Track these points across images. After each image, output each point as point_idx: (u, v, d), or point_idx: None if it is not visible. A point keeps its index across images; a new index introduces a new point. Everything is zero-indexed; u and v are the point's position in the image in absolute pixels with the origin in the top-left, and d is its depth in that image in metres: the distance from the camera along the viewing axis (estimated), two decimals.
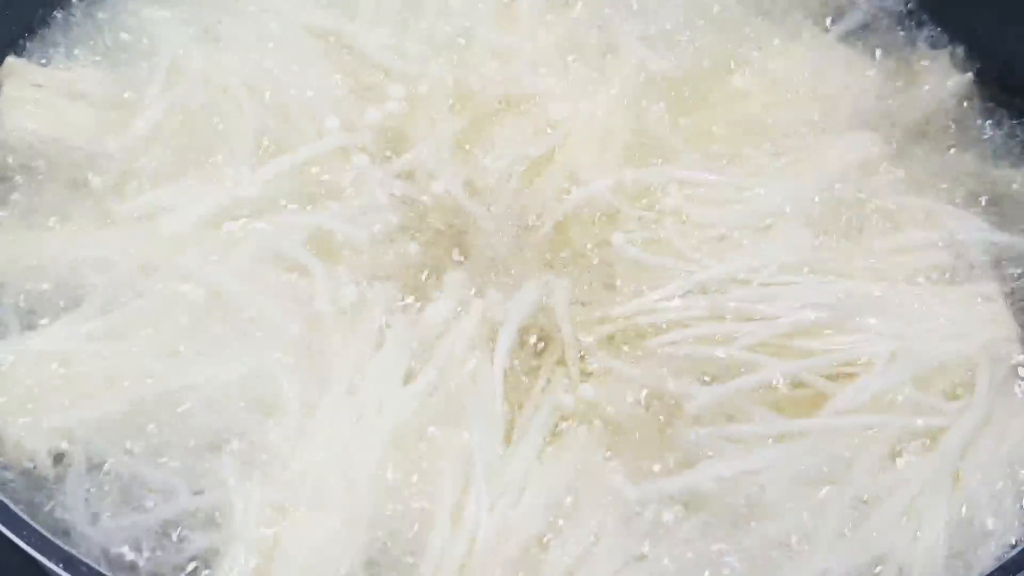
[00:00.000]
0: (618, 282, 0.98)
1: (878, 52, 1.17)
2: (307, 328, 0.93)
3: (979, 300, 0.97)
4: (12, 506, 0.81)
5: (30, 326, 0.93)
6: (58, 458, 0.87)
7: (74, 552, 0.80)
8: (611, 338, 0.95)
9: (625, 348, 0.95)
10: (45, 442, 0.87)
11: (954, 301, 0.97)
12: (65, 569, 0.78)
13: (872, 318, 0.94)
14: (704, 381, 0.92)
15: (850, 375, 0.92)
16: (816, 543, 0.85)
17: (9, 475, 0.86)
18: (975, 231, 1.02)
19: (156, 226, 0.98)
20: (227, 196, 0.99)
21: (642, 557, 0.85)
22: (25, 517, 0.81)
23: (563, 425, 0.91)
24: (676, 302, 0.96)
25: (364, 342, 0.93)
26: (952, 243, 1.00)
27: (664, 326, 0.95)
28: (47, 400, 0.88)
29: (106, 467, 0.87)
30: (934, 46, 1.17)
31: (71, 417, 0.87)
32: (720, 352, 0.93)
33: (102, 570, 0.79)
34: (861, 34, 1.18)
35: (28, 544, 0.79)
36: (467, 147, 1.06)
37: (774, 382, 0.92)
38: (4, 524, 0.79)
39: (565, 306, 0.96)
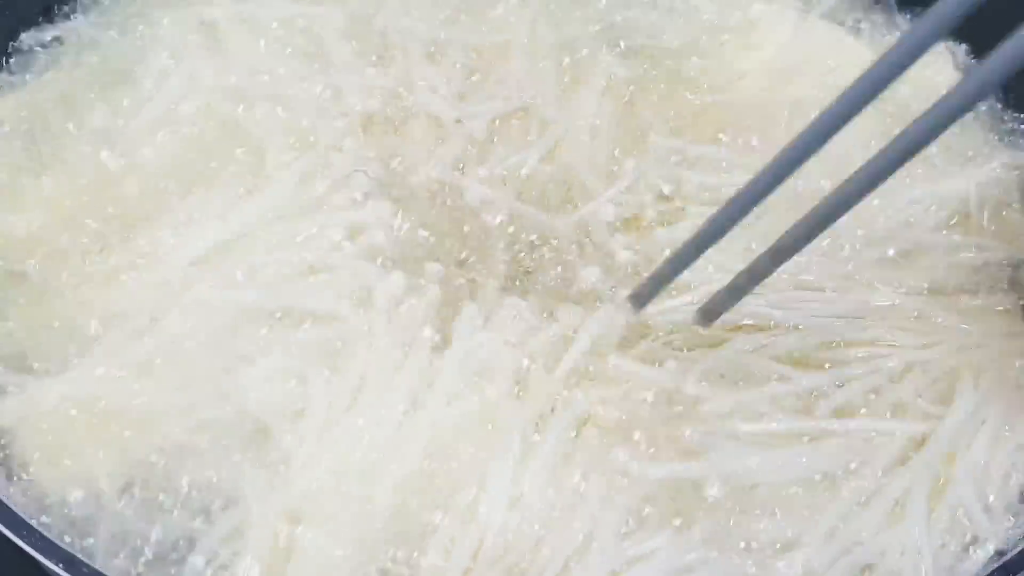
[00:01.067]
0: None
1: (869, 33, 1.16)
2: (336, 337, 0.93)
3: (997, 312, 0.98)
4: (12, 506, 0.81)
5: (51, 373, 0.92)
6: (91, 494, 0.87)
7: (75, 553, 0.80)
8: (629, 340, 0.95)
9: (644, 351, 0.94)
10: (77, 480, 0.86)
11: (972, 313, 0.97)
12: (65, 569, 0.78)
13: (888, 329, 0.95)
14: (722, 386, 0.92)
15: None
16: (802, 545, 0.85)
17: (45, 518, 0.86)
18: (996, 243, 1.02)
19: (168, 257, 0.96)
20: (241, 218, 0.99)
21: (636, 560, 0.85)
22: (25, 517, 0.81)
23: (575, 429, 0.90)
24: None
25: (393, 352, 0.92)
26: (975, 256, 1.01)
27: (686, 331, 0.95)
28: (75, 440, 0.88)
29: (133, 487, 0.87)
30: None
31: (101, 453, 0.87)
32: (741, 359, 0.93)
33: (102, 570, 0.79)
34: (849, 13, 1.18)
35: (28, 544, 0.79)
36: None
37: (794, 391, 0.92)
38: (4, 524, 0.79)
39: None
